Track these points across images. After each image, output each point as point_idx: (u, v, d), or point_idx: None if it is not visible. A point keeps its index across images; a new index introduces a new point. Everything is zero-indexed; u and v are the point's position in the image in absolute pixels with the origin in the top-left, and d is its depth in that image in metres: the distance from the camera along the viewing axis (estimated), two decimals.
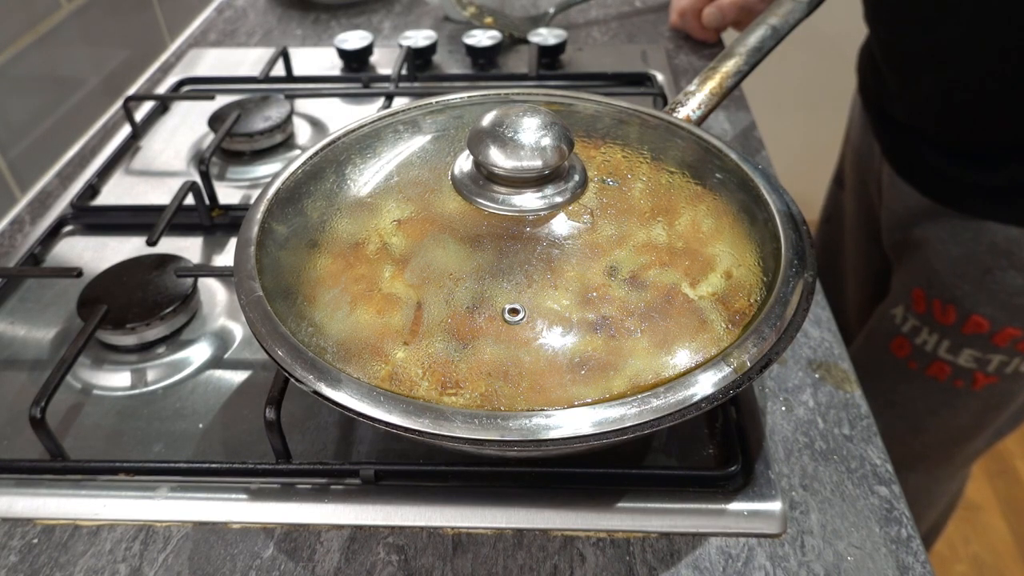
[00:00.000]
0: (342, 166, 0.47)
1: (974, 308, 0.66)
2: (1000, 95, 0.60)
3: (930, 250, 0.68)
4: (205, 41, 0.88)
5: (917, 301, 0.71)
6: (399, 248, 0.43)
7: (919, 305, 0.70)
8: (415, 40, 0.78)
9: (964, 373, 0.70)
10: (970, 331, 0.67)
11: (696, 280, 0.40)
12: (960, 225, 0.65)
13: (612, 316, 0.38)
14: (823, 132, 1.45)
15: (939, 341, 0.70)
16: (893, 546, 0.38)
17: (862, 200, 0.83)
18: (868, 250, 0.84)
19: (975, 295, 0.66)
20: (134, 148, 0.68)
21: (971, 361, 0.69)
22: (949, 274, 0.67)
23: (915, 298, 0.71)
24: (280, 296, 0.40)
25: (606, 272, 0.40)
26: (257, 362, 0.47)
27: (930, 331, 0.70)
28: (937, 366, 0.71)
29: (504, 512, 0.39)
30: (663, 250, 0.42)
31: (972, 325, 0.67)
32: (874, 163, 0.77)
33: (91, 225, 0.59)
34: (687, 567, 0.37)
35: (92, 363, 0.47)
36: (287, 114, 0.67)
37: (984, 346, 0.68)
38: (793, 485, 0.40)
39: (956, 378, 0.71)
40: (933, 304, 0.69)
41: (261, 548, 0.38)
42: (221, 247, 0.57)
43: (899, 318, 0.73)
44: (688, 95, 0.50)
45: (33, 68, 0.65)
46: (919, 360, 0.72)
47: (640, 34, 0.87)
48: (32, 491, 0.40)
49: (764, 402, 0.44)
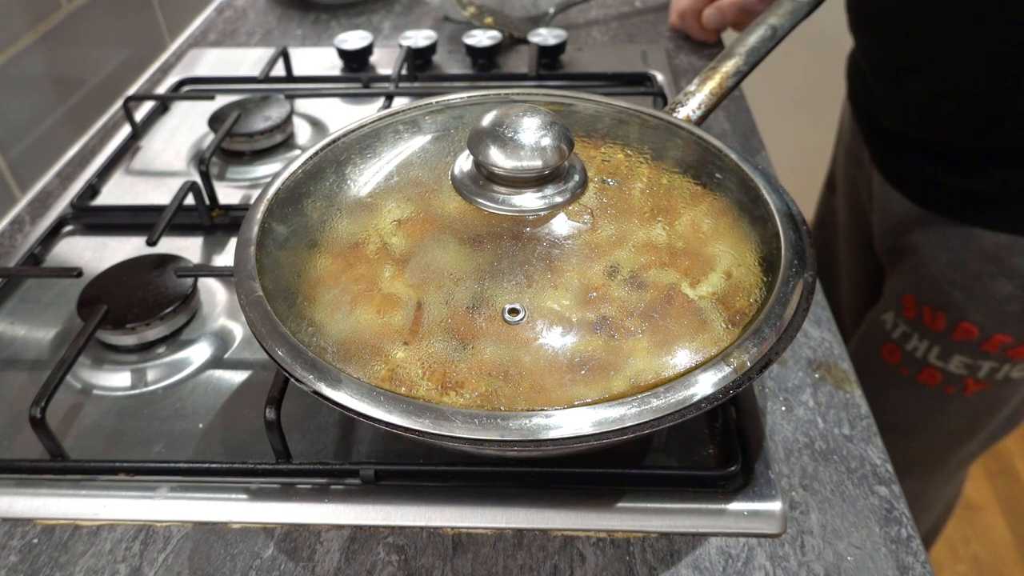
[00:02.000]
0: (342, 166, 0.47)
1: (964, 315, 0.66)
2: (985, 101, 0.60)
3: (920, 256, 0.68)
4: (205, 41, 0.88)
5: (907, 307, 0.71)
6: (399, 248, 0.43)
7: (909, 311, 0.70)
8: (415, 40, 0.78)
9: (955, 379, 0.70)
10: (960, 338, 0.67)
11: (696, 280, 0.40)
12: (949, 232, 0.65)
13: (612, 316, 0.38)
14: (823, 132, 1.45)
15: (929, 347, 0.70)
16: (893, 546, 0.38)
17: (854, 205, 0.83)
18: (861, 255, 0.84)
19: (965, 302, 0.66)
20: (134, 148, 0.68)
21: (961, 367, 0.69)
22: (939, 280, 0.67)
23: (905, 304, 0.71)
24: (280, 296, 0.40)
25: (606, 272, 0.40)
26: (257, 362, 0.47)
27: (920, 337, 0.70)
28: (928, 372, 0.71)
29: (504, 512, 0.39)
30: (663, 250, 0.42)
31: (962, 332, 0.67)
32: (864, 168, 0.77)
33: (91, 225, 0.59)
34: (687, 567, 0.37)
35: (92, 363, 0.47)
36: (287, 114, 0.67)
37: (974, 353, 0.68)
38: (793, 485, 0.40)
39: (947, 384, 0.71)
40: (923, 310, 0.69)
41: (261, 548, 0.38)
42: (221, 247, 0.57)
43: (890, 324, 0.73)
44: (688, 95, 0.50)
45: (33, 68, 0.65)
46: (910, 366, 0.72)
47: (640, 34, 0.87)
48: (32, 491, 0.40)
49: (764, 402, 0.44)
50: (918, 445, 0.79)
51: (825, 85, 1.54)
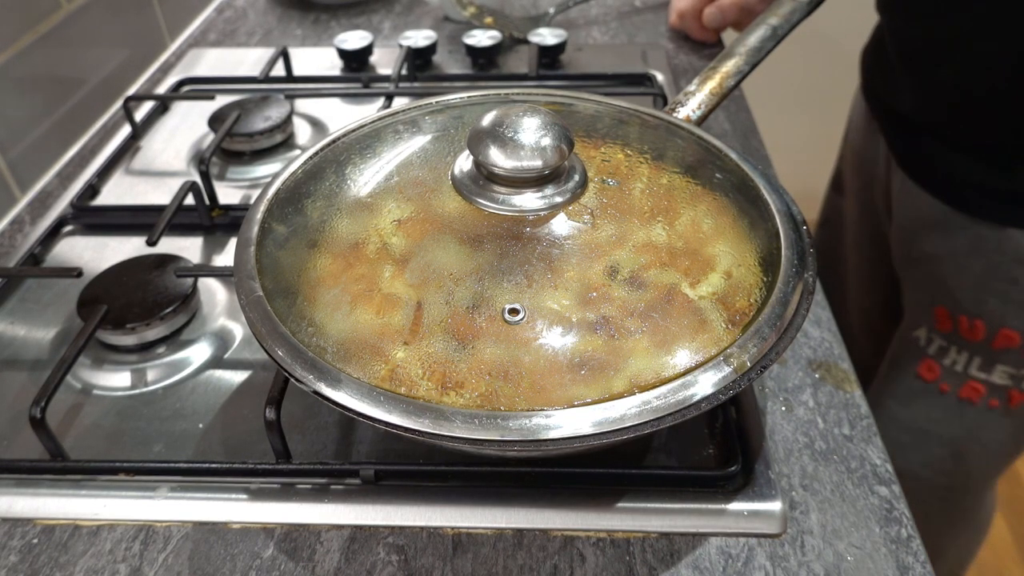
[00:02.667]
0: (342, 166, 0.47)
1: (1003, 321, 0.63)
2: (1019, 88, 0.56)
3: (949, 264, 0.65)
4: (205, 41, 0.88)
5: (941, 320, 0.67)
6: (399, 248, 0.43)
7: (944, 324, 0.67)
8: (415, 40, 0.78)
9: (999, 391, 0.67)
10: (1001, 346, 0.64)
11: (696, 280, 0.40)
12: (981, 234, 0.62)
13: (612, 316, 0.38)
14: (823, 132, 1.45)
15: (970, 359, 0.66)
16: (893, 546, 0.38)
17: (865, 206, 0.80)
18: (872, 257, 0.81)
19: (1003, 308, 0.63)
20: (134, 148, 0.68)
21: (1005, 378, 0.66)
22: (973, 288, 0.64)
23: (938, 317, 0.67)
24: (280, 296, 0.40)
25: (606, 272, 0.40)
26: (257, 362, 0.47)
27: (959, 350, 0.67)
28: (970, 387, 0.68)
29: (504, 512, 0.39)
30: (663, 250, 0.42)
31: (1002, 339, 0.64)
32: (879, 169, 0.74)
33: (91, 225, 0.59)
34: (687, 567, 0.37)
35: (92, 363, 0.47)
36: (287, 114, 0.67)
37: (1017, 361, 0.65)
38: (793, 485, 0.40)
39: (991, 397, 0.68)
40: (959, 321, 0.65)
41: (261, 548, 0.38)
42: (221, 247, 0.57)
43: (923, 340, 0.69)
44: (688, 95, 0.50)
45: (33, 68, 0.65)
46: (951, 382, 0.69)
47: (640, 34, 0.87)
48: (32, 491, 0.40)
49: (764, 402, 0.44)
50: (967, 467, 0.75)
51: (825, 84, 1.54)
